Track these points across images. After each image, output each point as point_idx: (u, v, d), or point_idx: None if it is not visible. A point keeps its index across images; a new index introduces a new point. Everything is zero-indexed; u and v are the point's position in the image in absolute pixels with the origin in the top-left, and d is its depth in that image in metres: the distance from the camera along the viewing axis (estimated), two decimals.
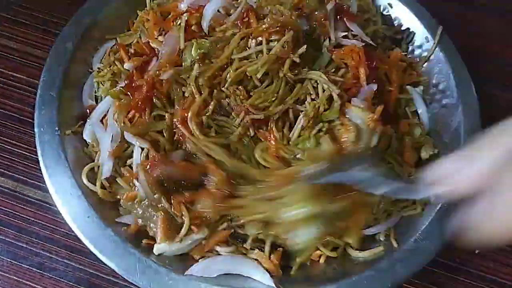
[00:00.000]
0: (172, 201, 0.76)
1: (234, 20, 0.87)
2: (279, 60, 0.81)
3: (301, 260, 0.78)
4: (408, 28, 1.03)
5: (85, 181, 0.80)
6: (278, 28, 0.83)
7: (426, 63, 1.00)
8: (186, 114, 0.80)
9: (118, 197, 0.81)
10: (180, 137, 0.80)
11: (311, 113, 0.79)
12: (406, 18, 1.03)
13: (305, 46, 0.82)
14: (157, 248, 0.75)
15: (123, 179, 0.80)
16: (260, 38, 0.83)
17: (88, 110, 0.89)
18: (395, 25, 1.04)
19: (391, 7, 1.04)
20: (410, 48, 1.03)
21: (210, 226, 0.77)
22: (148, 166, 0.76)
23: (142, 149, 0.80)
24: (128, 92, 0.84)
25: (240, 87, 0.81)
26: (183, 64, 0.84)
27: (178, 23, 0.89)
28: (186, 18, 0.88)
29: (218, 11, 0.89)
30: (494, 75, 1.10)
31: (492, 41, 1.16)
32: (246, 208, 0.74)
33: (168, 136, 0.81)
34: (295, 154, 0.78)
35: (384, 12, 1.05)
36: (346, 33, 0.91)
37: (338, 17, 0.93)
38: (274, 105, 0.80)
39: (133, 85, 0.84)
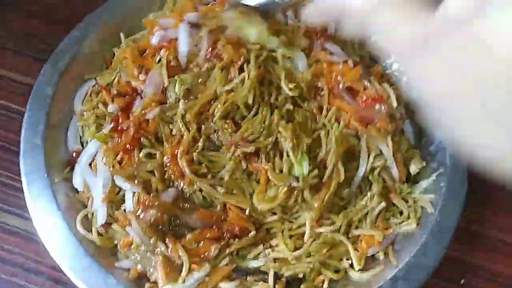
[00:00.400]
0: (169, 244, 0.75)
1: (204, 56, 0.86)
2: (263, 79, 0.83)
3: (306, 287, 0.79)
4: None
5: (80, 229, 0.79)
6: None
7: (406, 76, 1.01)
8: (176, 152, 0.80)
9: (116, 242, 0.80)
10: (171, 175, 0.80)
11: None
12: None
13: None
14: None
15: (118, 224, 0.80)
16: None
17: (74, 155, 0.88)
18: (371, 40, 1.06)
19: None
20: (389, 62, 1.05)
21: (211, 262, 0.77)
22: (139, 211, 0.76)
23: (134, 193, 0.79)
24: (115, 135, 0.83)
25: (227, 120, 0.81)
26: (167, 101, 0.84)
27: (158, 59, 0.89)
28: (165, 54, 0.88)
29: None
30: None
31: None
32: None
33: (159, 175, 0.80)
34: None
35: None
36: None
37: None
38: (263, 136, 0.80)
39: (119, 127, 0.83)
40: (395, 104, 0.88)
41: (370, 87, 0.89)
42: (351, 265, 0.82)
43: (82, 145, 0.90)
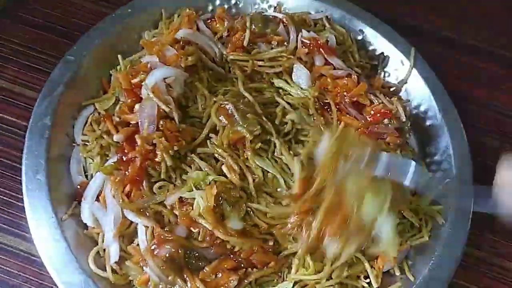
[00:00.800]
0: (187, 279, 0.74)
1: None
2: None
3: None
4: (383, 53, 1.04)
5: (93, 267, 0.77)
6: None
7: (404, 85, 1.02)
8: None
9: (130, 278, 0.78)
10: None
11: None
12: (379, 42, 1.05)
13: None
14: None
15: (131, 261, 0.78)
16: None
17: (79, 187, 0.85)
18: (369, 50, 1.06)
19: (363, 33, 1.06)
20: (387, 72, 1.05)
21: None
22: (154, 247, 0.75)
23: (147, 227, 0.77)
24: (121, 167, 0.81)
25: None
26: None
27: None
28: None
29: None
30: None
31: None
32: None
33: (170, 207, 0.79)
34: None
35: (358, 38, 1.06)
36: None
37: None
38: None
39: (124, 158, 0.81)
40: (403, 118, 0.88)
41: (377, 102, 0.89)
42: (369, 283, 0.82)
43: (86, 177, 0.87)
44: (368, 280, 0.82)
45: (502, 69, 1.18)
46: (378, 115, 0.87)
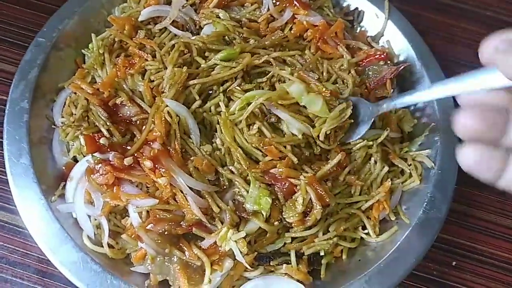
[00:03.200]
0: (185, 249, 0.74)
1: None
2: None
3: (327, 261, 0.80)
4: (357, 8, 1.05)
5: (89, 244, 0.76)
6: None
7: (382, 38, 1.03)
8: None
9: (128, 251, 0.78)
10: None
11: None
12: None
13: None
14: None
15: (127, 234, 0.76)
16: None
17: (64, 168, 0.84)
18: (343, 6, 1.06)
19: None
20: (363, 27, 1.05)
21: (232, 256, 0.76)
22: (149, 225, 0.74)
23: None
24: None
25: None
26: None
27: None
28: None
29: None
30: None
31: None
32: None
33: None
34: None
35: None
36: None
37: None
38: None
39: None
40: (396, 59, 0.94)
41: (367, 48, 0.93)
42: (367, 234, 0.83)
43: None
44: (366, 231, 0.83)
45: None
46: (374, 57, 0.89)
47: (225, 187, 0.79)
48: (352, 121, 0.82)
